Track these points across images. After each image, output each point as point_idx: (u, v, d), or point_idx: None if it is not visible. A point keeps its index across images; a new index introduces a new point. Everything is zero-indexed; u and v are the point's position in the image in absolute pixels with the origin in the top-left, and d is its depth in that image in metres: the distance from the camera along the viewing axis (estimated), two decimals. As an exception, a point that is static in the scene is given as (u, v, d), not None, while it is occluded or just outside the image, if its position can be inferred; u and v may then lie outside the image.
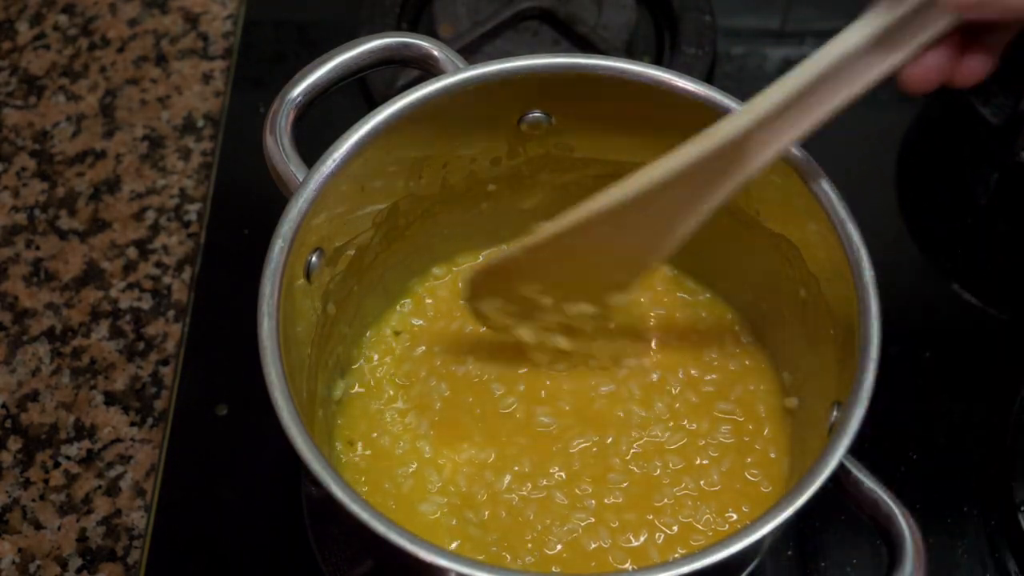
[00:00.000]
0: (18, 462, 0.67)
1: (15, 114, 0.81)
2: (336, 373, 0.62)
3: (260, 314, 0.50)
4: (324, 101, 0.81)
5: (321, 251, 0.56)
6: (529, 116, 0.59)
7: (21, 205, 0.77)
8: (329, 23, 0.84)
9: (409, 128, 0.56)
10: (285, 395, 0.48)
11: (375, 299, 0.63)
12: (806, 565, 0.62)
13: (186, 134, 0.80)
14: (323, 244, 0.56)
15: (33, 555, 0.64)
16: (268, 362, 0.49)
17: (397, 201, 0.60)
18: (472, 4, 0.81)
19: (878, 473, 0.64)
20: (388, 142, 0.56)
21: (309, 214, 0.53)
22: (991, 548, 0.63)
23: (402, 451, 0.60)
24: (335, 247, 0.57)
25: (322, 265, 0.56)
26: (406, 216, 0.62)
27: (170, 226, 0.76)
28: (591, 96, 0.57)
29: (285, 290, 0.51)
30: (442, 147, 0.59)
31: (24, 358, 0.71)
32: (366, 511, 0.45)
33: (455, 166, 0.61)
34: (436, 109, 0.56)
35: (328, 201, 0.54)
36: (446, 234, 0.64)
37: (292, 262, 0.52)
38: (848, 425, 0.47)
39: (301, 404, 0.50)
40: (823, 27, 0.82)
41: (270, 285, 0.51)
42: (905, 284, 0.72)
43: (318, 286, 0.57)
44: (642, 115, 0.57)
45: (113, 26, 0.85)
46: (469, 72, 0.56)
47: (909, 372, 0.68)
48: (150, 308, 0.73)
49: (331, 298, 0.59)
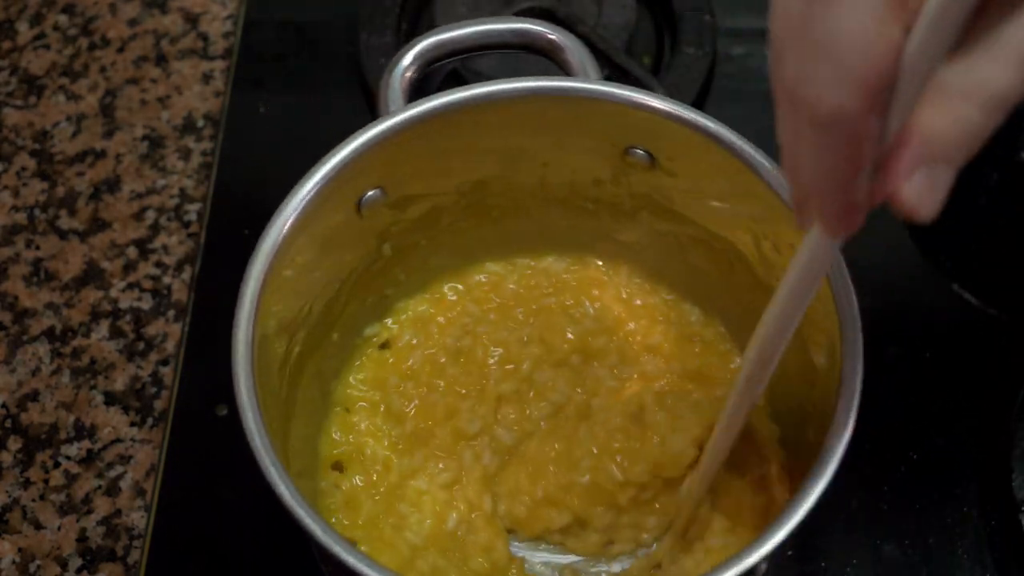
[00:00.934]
0: (18, 462, 0.67)
1: (15, 114, 0.81)
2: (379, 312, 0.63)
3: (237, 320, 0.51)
4: (325, 100, 0.81)
5: (384, 191, 0.57)
6: (634, 150, 0.59)
7: (21, 205, 0.77)
8: (329, 23, 0.84)
9: (506, 110, 0.57)
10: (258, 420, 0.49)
11: (439, 258, 0.64)
12: (806, 565, 0.62)
13: (186, 134, 0.80)
14: (386, 186, 0.57)
15: (33, 555, 0.64)
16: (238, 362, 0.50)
17: (487, 178, 0.61)
18: (472, 4, 0.81)
19: (878, 473, 0.65)
20: (481, 117, 0.56)
21: (381, 156, 0.55)
22: (991, 548, 0.63)
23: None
24: (404, 194, 0.59)
25: (383, 206, 0.58)
26: (495, 197, 0.62)
27: (170, 226, 0.76)
28: (700, 154, 0.56)
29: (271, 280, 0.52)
30: (541, 143, 0.59)
31: (24, 358, 0.71)
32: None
33: (555, 167, 0.61)
34: (539, 107, 0.56)
35: (409, 149, 0.56)
36: (525, 230, 0.65)
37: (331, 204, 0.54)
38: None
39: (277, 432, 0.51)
40: (823, 27, 0.81)
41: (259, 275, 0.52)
42: (905, 284, 0.72)
43: (374, 223, 0.58)
44: (740, 191, 0.56)
45: (113, 26, 0.85)
46: (575, 84, 0.56)
47: (909, 372, 0.68)
48: (150, 308, 0.73)
49: (390, 240, 0.60)
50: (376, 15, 0.81)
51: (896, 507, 0.64)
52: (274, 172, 0.76)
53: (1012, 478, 0.63)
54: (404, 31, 0.82)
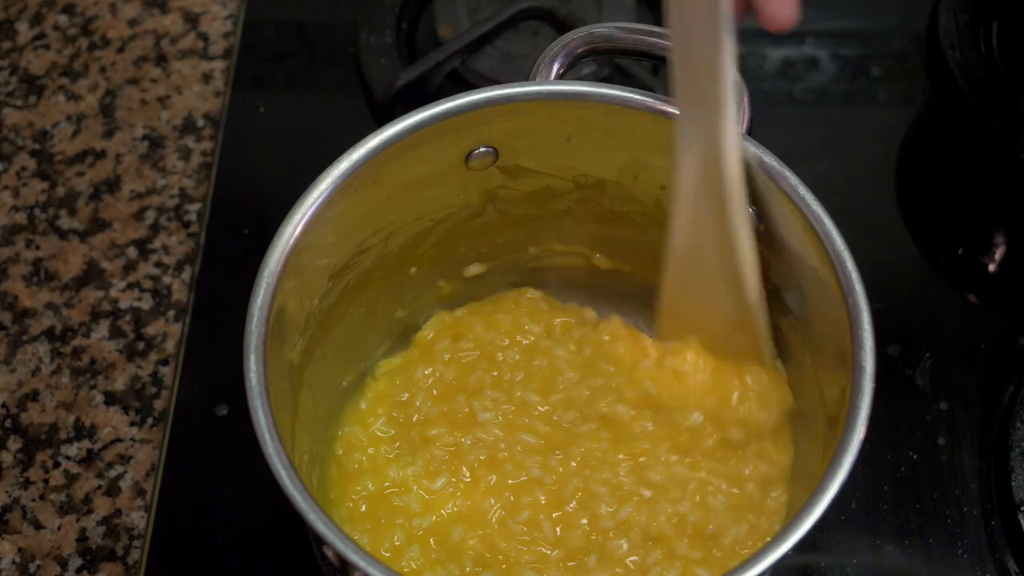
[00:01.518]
0: (18, 462, 0.67)
1: (15, 114, 0.81)
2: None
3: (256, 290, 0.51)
4: (325, 100, 0.81)
5: (496, 153, 0.58)
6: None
7: (21, 205, 0.77)
8: (329, 23, 0.84)
9: (636, 121, 0.57)
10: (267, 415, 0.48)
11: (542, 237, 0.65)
12: (806, 565, 0.62)
13: (186, 134, 0.80)
14: (501, 148, 0.58)
15: (33, 555, 0.64)
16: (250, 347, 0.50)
17: (606, 180, 0.61)
18: (472, 4, 0.81)
19: (878, 473, 0.65)
20: (611, 123, 0.57)
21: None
22: (991, 548, 0.63)
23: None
24: (517, 163, 0.59)
25: (494, 167, 0.59)
26: (611, 200, 0.62)
27: (170, 226, 0.76)
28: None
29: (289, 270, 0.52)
30: (663, 163, 0.57)
31: (24, 358, 0.71)
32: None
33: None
34: (662, 126, 0.55)
35: (534, 121, 0.57)
36: (636, 242, 0.64)
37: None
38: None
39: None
40: (823, 27, 0.82)
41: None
42: (905, 284, 0.72)
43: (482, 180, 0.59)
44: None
45: (113, 26, 0.85)
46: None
47: (909, 372, 0.68)
48: (150, 308, 0.73)
49: (496, 203, 0.61)
50: (376, 15, 0.81)
51: (896, 507, 0.64)
52: (274, 172, 0.76)
53: (1012, 478, 0.63)
54: (404, 31, 0.82)
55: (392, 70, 0.77)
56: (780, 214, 0.53)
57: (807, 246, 0.52)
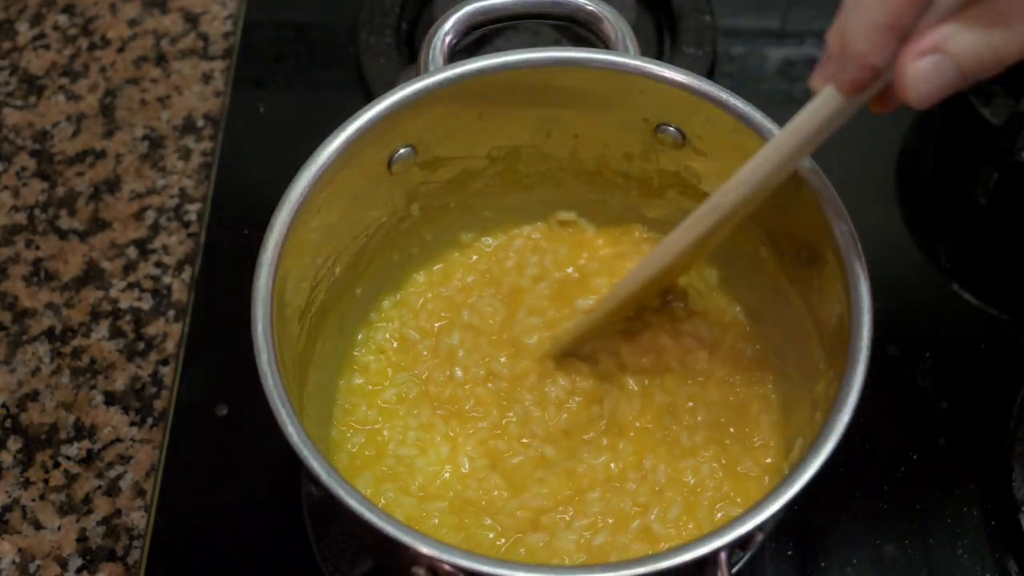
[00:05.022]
0: (18, 462, 0.67)
1: (15, 114, 0.81)
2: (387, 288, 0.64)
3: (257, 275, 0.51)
4: (325, 100, 0.81)
5: (415, 150, 0.58)
6: (665, 128, 0.59)
7: (21, 205, 0.77)
8: (329, 23, 0.84)
9: (542, 78, 0.57)
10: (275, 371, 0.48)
11: (467, 221, 0.65)
12: (806, 565, 0.62)
13: (186, 134, 0.80)
14: (418, 145, 0.58)
15: (33, 555, 0.64)
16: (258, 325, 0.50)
17: (519, 146, 0.61)
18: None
19: (878, 473, 0.65)
20: (516, 83, 0.57)
21: (408, 113, 0.55)
22: (991, 548, 0.63)
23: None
24: (435, 155, 0.59)
25: (414, 165, 0.59)
26: (527, 165, 0.62)
27: (170, 226, 0.76)
28: (729, 134, 0.56)
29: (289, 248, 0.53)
30: (574, 115, 0.59)
31: (24, 358, 0.71)
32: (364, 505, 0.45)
33: (587, 140, 0.61)
34: (573, 78, 0.57)
35: (443, 110, 0.56)
36: (556, 200, 0.65)
37: (357, 162, 0.55)
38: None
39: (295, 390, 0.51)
40: (823, 27, 0.81)
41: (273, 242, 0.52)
42: (905, 284, 0.72)
43: (404, 181, 0.59)
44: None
45: (113, 26, 0.85)
46: (611, 57, 0.57)
47: (909, 372, 0.68)
48: (150, 308, 0.73)
49: (419, 200, 0.61)
50: (376, 15, 0.81)
51: (896, 507, 0.64)
52: (274, 172, 0.76)
53: (1012, 478, 0.63)
54: (404, 31, 0.82)
55: (392, 70, 0.77)
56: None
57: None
